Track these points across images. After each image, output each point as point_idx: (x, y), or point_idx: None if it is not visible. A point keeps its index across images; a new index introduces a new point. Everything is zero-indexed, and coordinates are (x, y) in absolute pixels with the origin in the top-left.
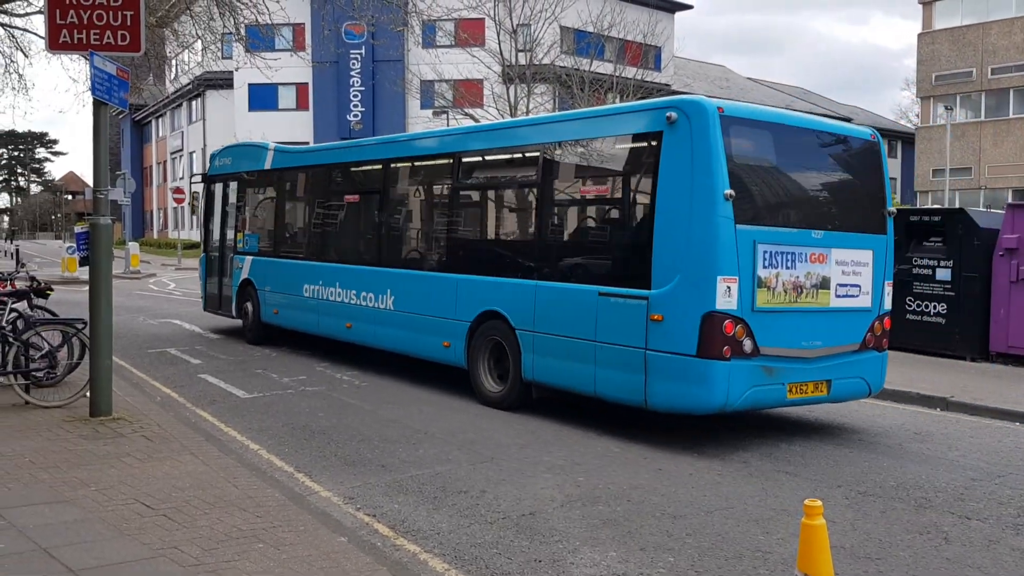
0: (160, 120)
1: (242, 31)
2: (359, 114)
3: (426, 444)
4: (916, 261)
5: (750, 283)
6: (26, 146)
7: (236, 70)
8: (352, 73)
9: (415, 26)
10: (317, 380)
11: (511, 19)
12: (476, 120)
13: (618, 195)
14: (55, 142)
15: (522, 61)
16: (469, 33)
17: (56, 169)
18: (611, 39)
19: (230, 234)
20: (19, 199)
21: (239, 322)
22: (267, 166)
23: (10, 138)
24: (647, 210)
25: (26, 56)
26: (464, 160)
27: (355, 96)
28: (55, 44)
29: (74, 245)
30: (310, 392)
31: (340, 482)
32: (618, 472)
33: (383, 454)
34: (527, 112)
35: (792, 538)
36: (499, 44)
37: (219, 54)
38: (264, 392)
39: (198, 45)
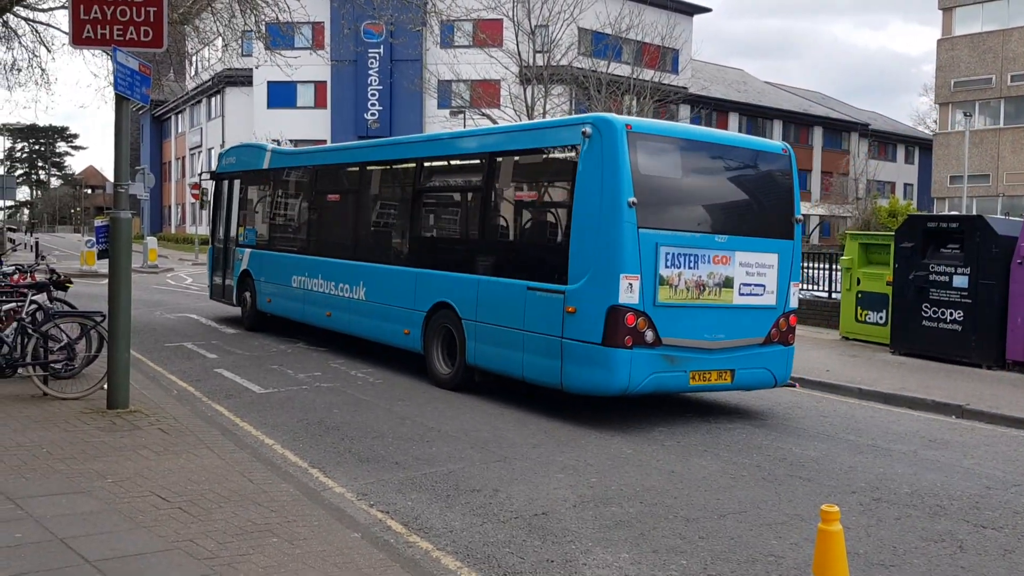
0: (179, 116)
1: (263, 28)
2: (376, 113)
3: (439, 442)
4: (933, 268)
5: (652, 281)
6: (47, 140)
7: (256, 67)
8: (370, 72)
9: (434, 26)
10: (332, 377)
11: (529, 20)
12: (493, 121)
13: (544, 200)
14: (75, 136)
15: (539, 62)
16: (487, 33)
17: (76, 163)
18: (629, 41)
19: (234, 228)
20: (39, 192)
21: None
22: (265, 166)
23: (31, 132)
24: (566, 214)
25: (48, 51)
26: (424, 165)
27: (373, 95)
28: (78, 39)
29: (93, 239)
30: (325, 388)
31: (354, 478)
32: (631, 474)
33: (397, 451)
34: (544, 114)
35: (805, 543)
36: (517, 45)
37: (239, 51)
38: (279, 388)
39: (219, 42)
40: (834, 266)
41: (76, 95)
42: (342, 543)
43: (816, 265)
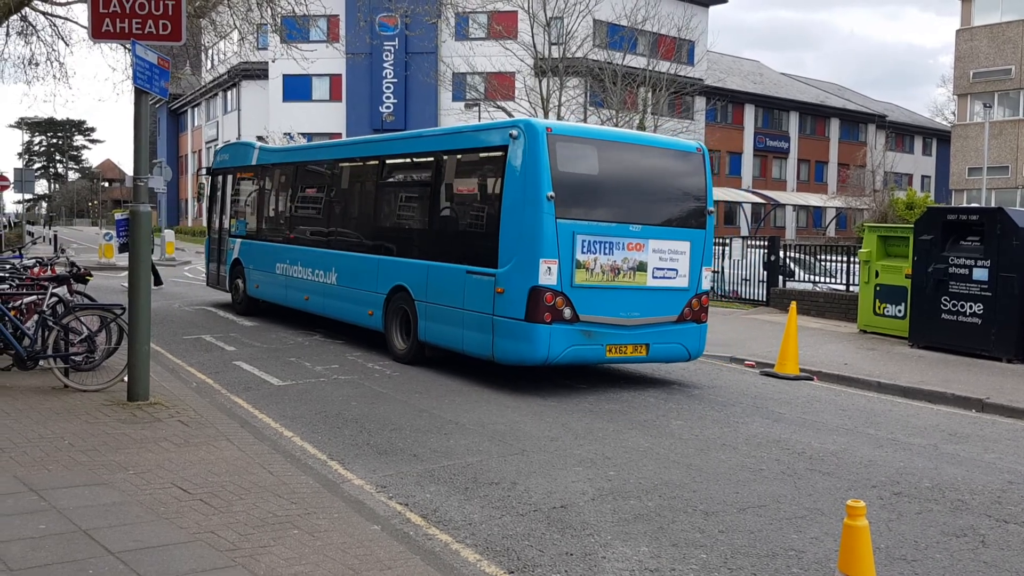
0: (196, 109)
1: (278, 22)
2: (391, 106)
3: (457, 435)
4: (953, 260)
5: (569, 265)
6: (64, 134)
7: (273, 61)
8: (385, 65)
9: (449, 18)
10: (349, 369)
11: (544, 12)
12: (509, 113)
13: (481, 194)
14: (92, 130)
15: (555, 54)
16: (502, 25)
17: (93, 157)
18: (645, 33)
19: (227, 220)
20: (57, 186)
21: (273, 310)
22: (253, 162)
23: (49, 126)
24: (497, 206)
25: (67, 45)
26: (385, 163)
27: (388, 88)
28: (98, 33)
29: (112, 232)
30: (343, 381)
31: (373, 470)
32: (649, 467)
33: (415, 444)
34: (559, 106)
35: (826, 537)
36: (532, 37)
37: (255, 45)
38: (297, 380)
39: (235, 35)
40: (852, 259)
41: (94, 89)
42: (362, 535)
43: (834, 258)
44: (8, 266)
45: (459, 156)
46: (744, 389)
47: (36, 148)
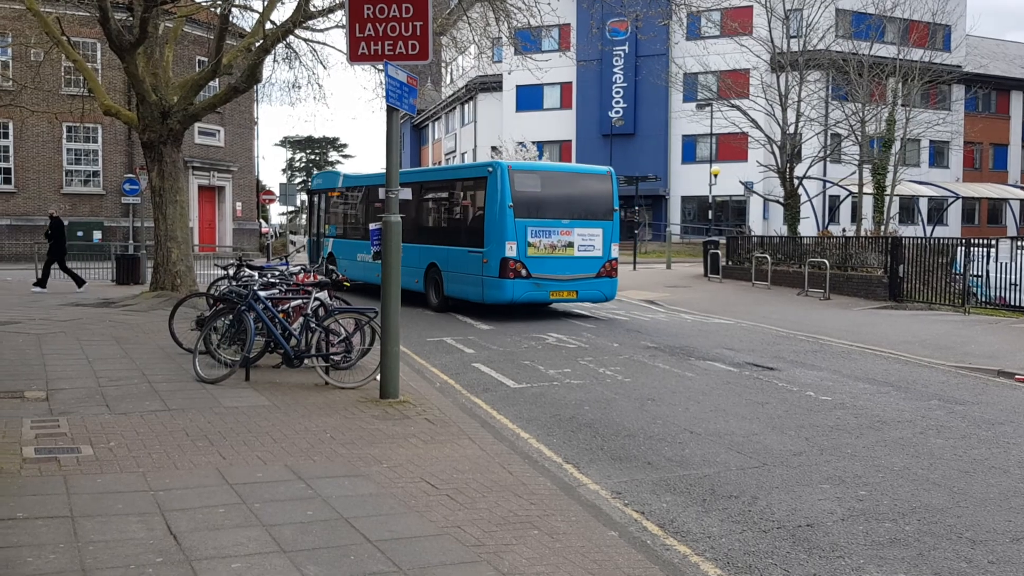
0: (436, 123)
1: (513, 34)
2: (620, 111)
3: (692, 444)
4: None
5: (524, 244)
6: (321, 150)
7: (508, 73)
8: (615, 70)
9: (682, 18)
10: (581, 374)
11: (783, 4)
12: (743, 111)
13: (473, 205)
14: (345, 146)
15: (793, 48)
16: (737, 22)
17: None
18: (894, 19)
19: (322, 226)
20: None
21: (508, 316)
22: (339, 185)
23: (308, 143)
24: (482, 212)
25: (324, 68)
26: (423, 185)
27: (617, 93)
28: (355, 56)
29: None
30: (575, 385)
31: (607, 476)
32: (905, 488)
33: (649, 451)
34: (798, 102)
35: None
36: (769, 31)
37: (491, 58)
38: (532, 383)
39: (472, 50)
40: None
41: (347, 108)
42: (600, 540)
43: None
44: (277, 273)
45: (463, 182)
46: (1015, 406)
47: (297, 164)
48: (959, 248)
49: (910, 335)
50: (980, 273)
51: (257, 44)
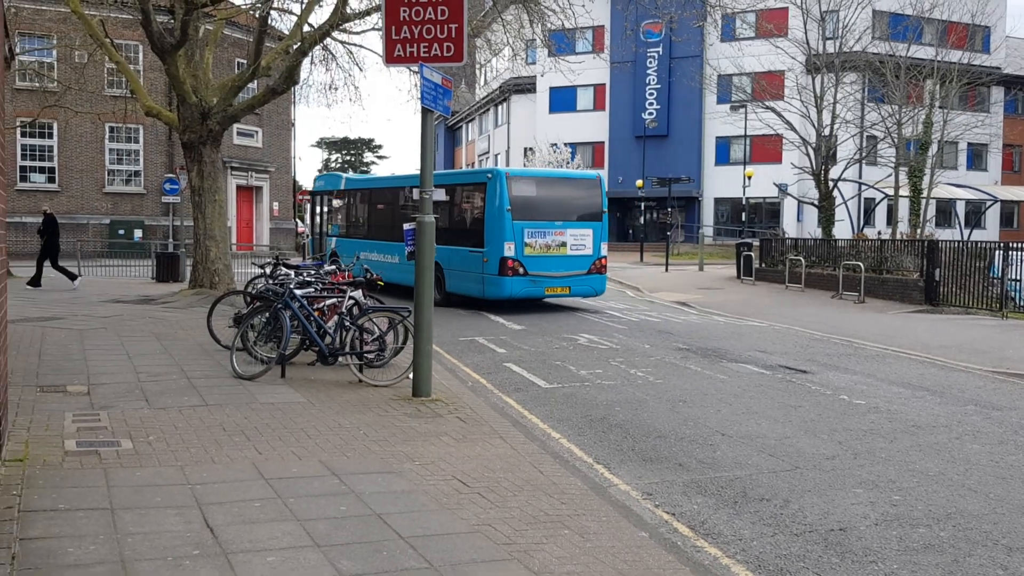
0: (470, 124)
1: (548, 36)
2: (654, 112)
3: (723, 446)
4: None
5: (521, 244)
6: (356, 151)
7: (542, 75)
8: (648, 71)
9: (717, 20)
10: (612, 375)
11: (820, 5)
12: (779, 114)
13: (475, 208)
14: (380, 147)
15: (829, 49)
16: (772, 23)
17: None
18: (932, 21)
19: (324, 225)
20: None
21: (540, 317)
22: (341, 187)
23: (344, 144)
24: (483, 215)
25: (360, 70)
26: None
27: (650, 94)
28: (391, 58)
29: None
30: (606, 386)
31: (638, 477)
32: (939, 493)
33: (680, 453)
34: (834, 104)
35: None
36: (805, 33)
37: (525, 60)
38: (563, 383)
39: (506, 52)
40: None
41: (382, 109)
42: (630, 541)
43: None
44: (312, 271)
45: (464, 187)
46: (999, 408)
47: (333, 165)
48: (997, 251)
49: (946, 339)
50: (1019, 277)
51: (295, 46)
